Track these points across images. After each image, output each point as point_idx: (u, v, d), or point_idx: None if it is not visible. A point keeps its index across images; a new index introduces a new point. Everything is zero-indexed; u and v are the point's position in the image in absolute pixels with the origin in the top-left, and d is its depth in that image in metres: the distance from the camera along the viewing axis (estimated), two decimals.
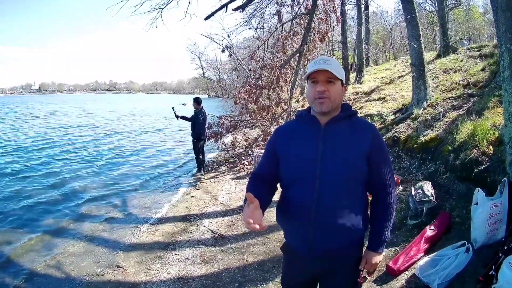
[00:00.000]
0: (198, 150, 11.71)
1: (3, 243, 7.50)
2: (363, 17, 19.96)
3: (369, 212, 2.36)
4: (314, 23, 10.89)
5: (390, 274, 4.47)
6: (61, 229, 8.08)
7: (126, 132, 25.35)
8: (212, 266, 5.50)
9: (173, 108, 12.19)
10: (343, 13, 17.50)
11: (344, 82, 2.23)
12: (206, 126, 12.16)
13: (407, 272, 4.51)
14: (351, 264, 2.36)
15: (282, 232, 2.56)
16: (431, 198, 5.44)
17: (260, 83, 11.88)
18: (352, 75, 20.01)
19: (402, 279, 4.42)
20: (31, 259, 6.71)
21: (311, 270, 2.39)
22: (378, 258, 2.37)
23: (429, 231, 4.86)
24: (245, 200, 2.09)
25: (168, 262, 5.83)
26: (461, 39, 24.96)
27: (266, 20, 15.64)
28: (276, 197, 2.38)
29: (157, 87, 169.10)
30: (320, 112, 2.17)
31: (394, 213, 2.35)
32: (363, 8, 20.35)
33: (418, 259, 4.55)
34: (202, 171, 11.71)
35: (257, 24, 14.03)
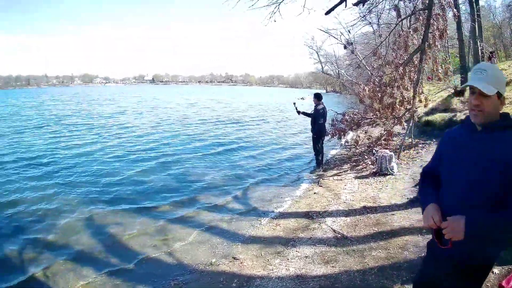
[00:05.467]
0: (318, 146, 11.23)
1: (115, 224, 7.71)
2: (475, 11, 17.79)
3: None
4: (433, 19, 9.87)
5: None
6: (177, 216, 8.12)
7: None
8: (332, 267, 5.04)
9: (294, 103, 11.85)
10: (457, 8, 15.76)
11: (501, 94, 2.12)
12: (328, 122, 11.69)
13: None
14: (479, 271, 2.23)
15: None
16: None
17: (384, 81, 11.11)
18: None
19: None
20: (142, 243, 6.78)
21: (446, 268, 2.30)
22: (459, 224, 2.02)
23: None
24: (420, 200, 2.40)
25: (288, 259, 5.48)
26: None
27: (382, 16, 14.68)
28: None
29: (273, 81, 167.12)
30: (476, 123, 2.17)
31: None
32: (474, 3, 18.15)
33: None
34: (320, 167, 11.18)
35: (377, 19, 13.19)
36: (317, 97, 11.09)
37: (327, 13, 10.15)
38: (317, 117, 10.87)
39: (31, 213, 8.31)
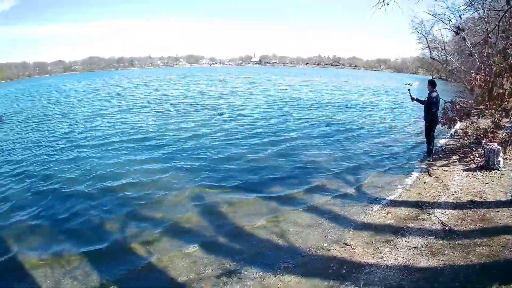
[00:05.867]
0: (429, 135, 11.02)
1: (226, 203, 8.18)
2: None
3: None
4: None
5: None
6: (290, 198, 8.46)
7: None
8: (438, 260, 5.24)
9: (408, 89, 11.52)
10: None
11: None
12: (440, 111, 11.36)
13: None
14: None
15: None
16: None
17: (494, 70, 10.64)
18: None
19: None
20: (254, 223, 7.17)
21: None
22: None
23: None
24: None
25: (397, 248, 5.73)
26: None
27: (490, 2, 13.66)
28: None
29: (380, 64, 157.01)
30: None
31: None
32: None
33: None
34: (430, 157, 11.02)
35: (484, 5, 12.41)
36: (432, 84, 10.79)
37: None
38: (431, 105, 10.62)
39: (140, 195, 8.85)
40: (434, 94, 10.65)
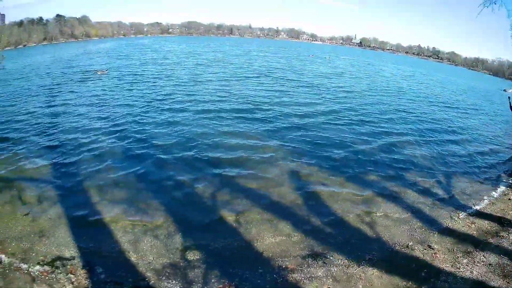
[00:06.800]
0: None
1: (320, 183, 8.62)
2: None
3: None
4: None
5: None
6: (383, 190, 8.88)
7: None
8: (508, 282, 5.56)
9: (509, 97, 11.40)
10: None
11: None
12: None
13: None
14: None
15: None
16: None
17: None
18: None
19: None
20: (346, 208, 7.62)
21: None
22: None
23: None
24: None
25: (474, 261, 6.09)
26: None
27: None
28: None
29: (477, 64, 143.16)
30: None
31: None
32: None
33: None
34: None
35: None
36: None
37: None
38: None
39: (238, 168, 9.31)
40: None
